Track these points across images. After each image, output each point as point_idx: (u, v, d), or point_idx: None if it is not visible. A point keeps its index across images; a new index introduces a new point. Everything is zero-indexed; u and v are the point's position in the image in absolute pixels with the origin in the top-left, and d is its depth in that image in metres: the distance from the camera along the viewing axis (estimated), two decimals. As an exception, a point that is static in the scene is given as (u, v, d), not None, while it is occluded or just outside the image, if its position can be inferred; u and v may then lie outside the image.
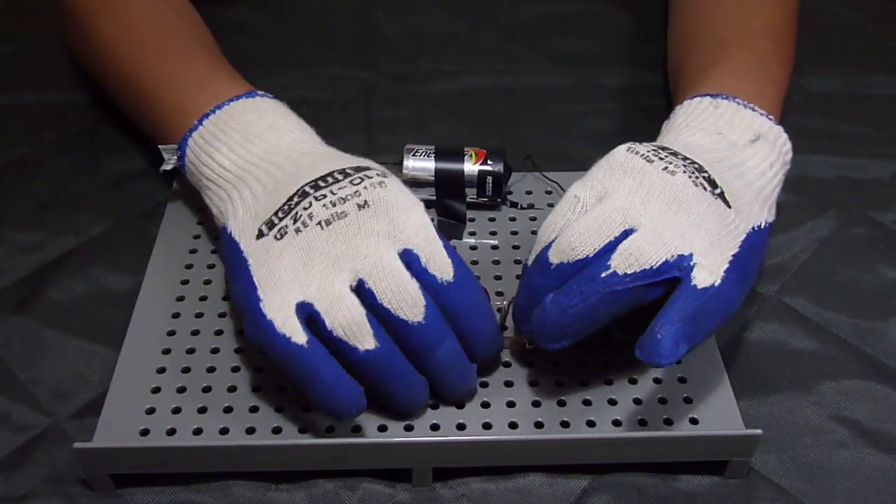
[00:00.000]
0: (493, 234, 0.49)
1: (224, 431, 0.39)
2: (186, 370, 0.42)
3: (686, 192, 0.38)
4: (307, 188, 0.39)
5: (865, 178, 0.55)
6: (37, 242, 0.50)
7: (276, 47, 0.65)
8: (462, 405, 0.40)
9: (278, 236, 0.38)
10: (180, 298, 0.45)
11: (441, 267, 0.38)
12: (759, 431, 0.38)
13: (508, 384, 0.41)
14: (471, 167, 0.49)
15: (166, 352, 0.42)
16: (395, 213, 0.38)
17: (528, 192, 0.52)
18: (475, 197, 0.50)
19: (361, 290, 0.37)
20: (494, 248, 0.49)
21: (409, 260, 0.38)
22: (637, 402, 0.41)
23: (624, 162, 0.39)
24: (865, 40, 0.66)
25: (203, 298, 0.45)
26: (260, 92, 0.46)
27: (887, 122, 0.59)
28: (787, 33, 0.51)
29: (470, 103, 0.60)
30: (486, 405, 0.40)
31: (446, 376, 0.38)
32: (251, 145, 0.43)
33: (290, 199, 0.39)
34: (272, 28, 0.66)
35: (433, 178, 0.49)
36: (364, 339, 0.36)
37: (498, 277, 0.47)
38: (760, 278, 0.48)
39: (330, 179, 0.39)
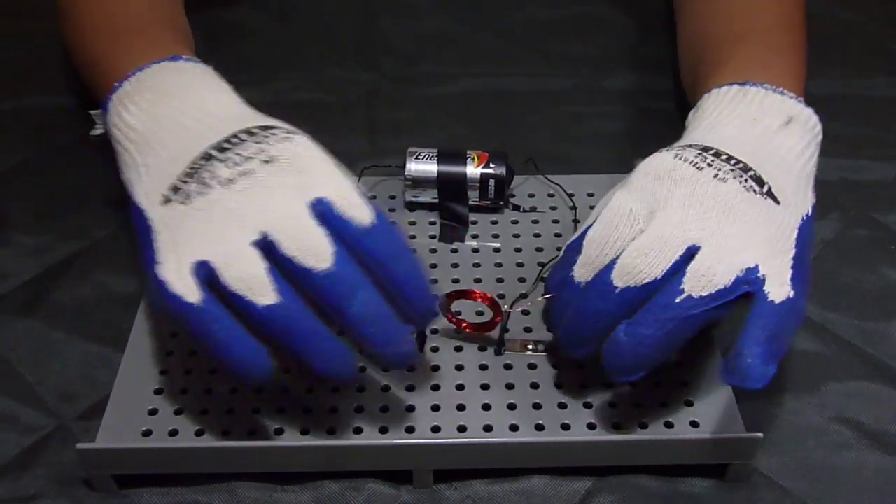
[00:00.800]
0: (496, 237, 0.50)
1: (226, 433, 0.39)
2: (189, 372, 0.42)
3: (738, 198, 0.37)
4: (211, 150, 0.37)
5: (867, 179, 0.55)
6: (43, 245, 0.50)
7: (278, 50, 0.65)
8: (388, 368, 0.38)
9: (182, 200, 0.37)
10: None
11: (356, 211, 0.35)
12: (759, 435, 0.38)
13: (510, 387, 0.41)
14: (473, 170, 0.49)
15: (169, 353, 0.43)
16: (302, 165, 0.36)
17: (531, 195, 0.52)
18: (477, 200, 0.50)
19: (266, 245, 0.35)
20: (497, 250, 0.49)
21: (323, 209, 0.35)
22: (638, 404, 0.41)
23: (673, 170, 0.38)
24: (866, 42, 0.66)
25: (207, 301, 0.45)
26: (186, 56, 0.44)
27: (888, 124, 0.59)
28: (798, 25, 0.51)
29: (472, 106, 0.60)
30: (486, 407, 0.41)
31: (367, 333, 0.35)
32: (160, 104, 0.41)
33: (195, 162, 0.37)
34: (274, 31, 0.67)
35: (436, 181, 0.49)
36: (262, 293, 0.34)
37: (500, 280, 0.47)
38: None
39: (235, 140, 0.37)
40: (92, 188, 0.53)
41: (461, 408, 0.41)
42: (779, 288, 0.35)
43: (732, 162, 0.39)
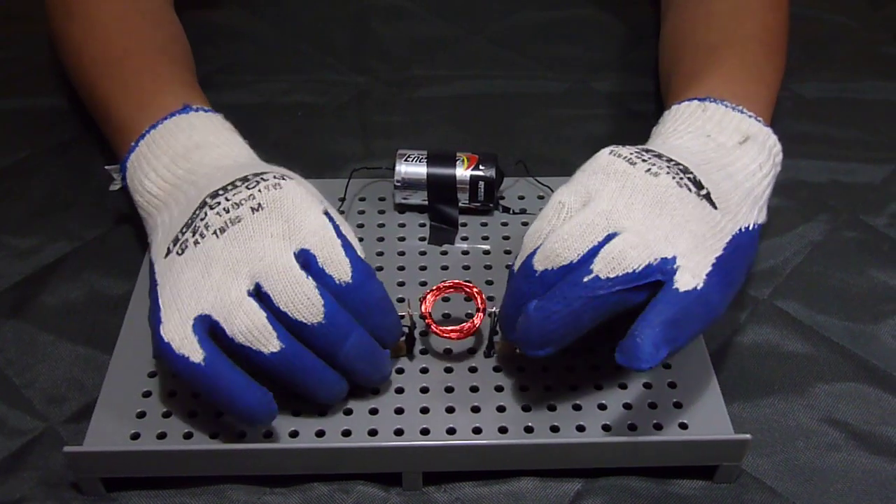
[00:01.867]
0: (486, 238, 0.50)
1: (214, 435, 0.39)
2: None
3: (669, 193, 0.38)
4: (207, 198, 0.39)
5: (857, 182, 0.55)
6: (31, 247, 0.50)
7: (271, 53, 0.65)
8: (377, 391, 0.41)
9: (180, 252, 0.39)
10: (173, 303, 0.45)
11: (338, 268, 0.38)
12: (748, 436, 0.38)
13: (499, 389, 0.41)
14: (463, 172, 0.49)
15: (159, 356, 0.43)
16: (289, 213, 0.38)
17: (521, 197, 0.52)
18: (467, 202, 0.50)
19: (260, 294, 0.37)
20: (486, 252, 0.49)
21: (307, 259, 0.38)
22: (627, 406, 0.41)
23: (607, 165, 0.39)
24: (856, 46, 0.66)
25: (196, 303, 0.45)
26: (195, 106, 0.45)
27: (878, 127, 0.59)
28: (778, 37, 0.51)
29: (463, 108, 0.60)
30: (476, 409, 0.41)
31: (356, 369, 0.38)
32: (175, 167, 0.43)
33: (194, 213, 0.39)
34: (267, 33, 0.67)
35: (425, 184, 0.49)
36: (268, 342, 0.36)
37: (490, 282, 0.47)
38: (752, 282, 0.49)
39: (229, 187, 0.39)
40: (81, 190, 0.53)
41: (450, 410, 0.40)
42: (689, 279, 0.36)
43: (672, 163, 0.40)
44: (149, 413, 0.40)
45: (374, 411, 0.40)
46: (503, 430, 0.40)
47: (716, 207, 0.39)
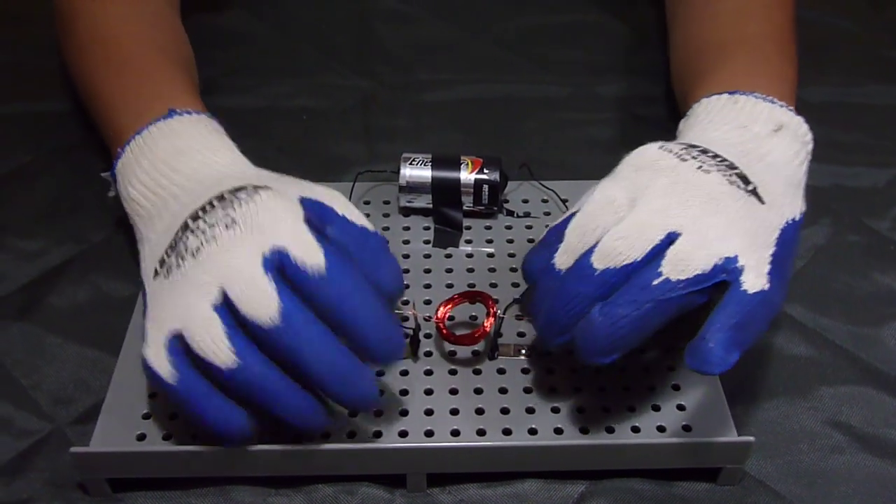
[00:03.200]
0: (490, 242, 0.50)
1: (221, 437, 0.40)
2: (185, 376, 0.42)
3: (721, 190, 0.38)
4: (188, 220, 0.38)
5: (860, 185, 0.55)
6: (38, 250, 0.50)
7: (276, 57, 0.65)
8: (354, 411, 0.39)
9: (166, 275, 0.38)
10: (179, 305, 0.45)
11: (311, 258, 0.35)
12: (751, 439, 0.38)
13: (503, 391, 0.42)
14: (467, 176, 0.49)
15: (165, 358, 0.43)
16: (260, 223, 0.37)
17: (525, 201, 0.52)
18: (471, 205, 0.50)
19: (228, 304, 0.35)
20: (490, 256, 0.49)
21: (280, 258, 0.36)
22: (631, 409, 0.41)
23: (657, 160, 0.39)
24: (860, 50, 0.66)
25: (202, 305, 0.45)
26: (179, 109, 0.44)
27: (882, 131, 0.59)
28: (786, 35, 0.51)
29: (467, 112, 0.61)
30: (480, 412, 0.41)
31: (323, 377, 0.35)
32: (158, 174, 0.42)
33: (176, 234, 0.38)
34: (271, 37, 0.67)
35: (430, 187, 0.50)
36: (223, 357, 0.35)
37: (494, 285, 0.47)
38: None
39: (207, 207, 0.38)
40: (88, 192, 0.54)
41: (454, 412, 0.41)
42: (755, 279, 0.35)
43: (718, 159, 0.39)
44: (155, 414, 0.40)
45: (378, 413, 0.40)
46: (507, 432, 0.40)
47: (763, 202, 0.38)
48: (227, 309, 0.35)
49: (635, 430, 0.40)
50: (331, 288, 0.35)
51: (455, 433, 0.40)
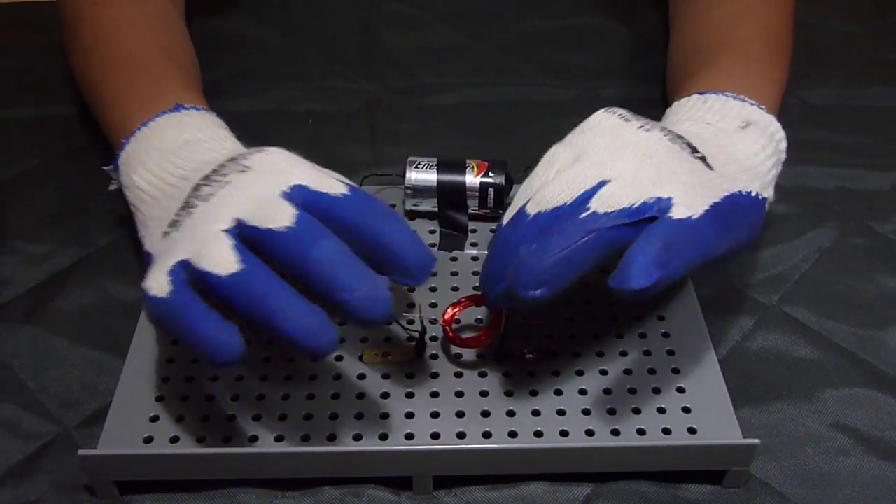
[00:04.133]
0: (495, 244, 0.50)
1: (226, 439, 0.40)
2: (190, 379, 0.42)
3: (660, 146, 0.38)
4: (199, 182, 0.39)
5: (864, 188, 0.55)
6: (45, 253, 0.50)
7: (281, 61, 0.66)
8: (364, 323, 0.35)
9: (176, 229, 0.38)
10: (186, 308, 0.46)
11: (332, 186, 0.36)
12: (756, 441, 0.38)
13: (508, 394, 0.42)
14: (472, 179, 0.50)
15: (170, 361, 0.43)
16: (278, 167, 0.37)
17: (530, 203, 0.52)
18: (477, 208, 0.50)
19: (237, 229, 0.36)
20: (496, 258, 0.49)
21: (300, 192, 0.36)
22: (636, 411, 0.41)
23: (600, 122, 0.40)
24: (863, 53, 0.67)
25: (208, 308, 0.46)
26: (187, 105, 0.45)
27: (885, 134, 0.59)
28: (782, 40, 0.51)
29: (472, 116, 0.61)
30: (486, 414, 0.41)
31: (330, 277, 0.34)
32: (165, 162, 0.42)
33: (187, 196, 0.39)
34: (277, 41, 0.67)
35: (435, 190, 0.50)
36: (226, 265, 0.34)
37: (499, 287, 0.47)
38: (761, 287, 0.49)
39: (219, 168, 0.39)
40: (93, 196, 0.54)
41: (460, 414, 0.41)
42: (683, 210, 0.36)
43: (666, 129, 0.39)
44: (162, 417, 0.40)
45: (384, 415, 0.41)
46: (513, 435, 0.40)
47: (711, 169, 0.39)
48: (237, 230, 0.35)
49: (640, 432, 0.40)
50: (352, 207, 0.36)
51: (461, 435, 0.40)
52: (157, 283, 0.35)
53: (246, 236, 0.35)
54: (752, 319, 0.47)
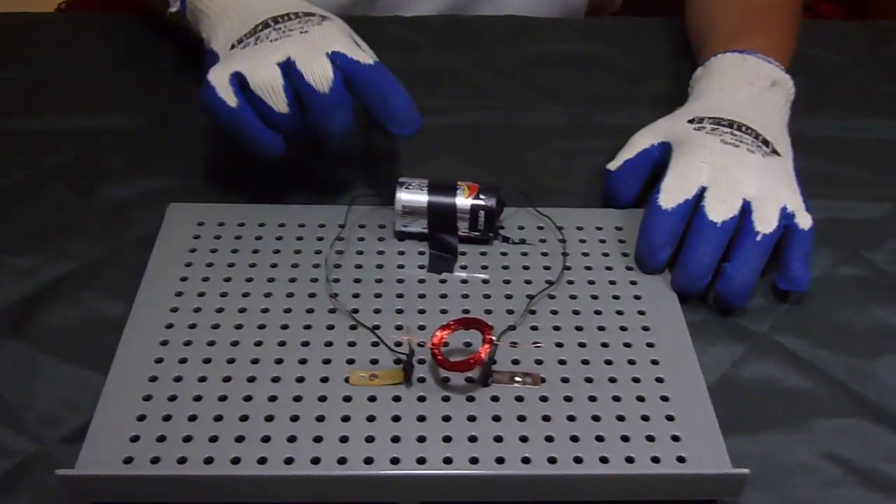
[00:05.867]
0: (485, 268, 0.50)
1: (209, 461, 0.39)
2: (173, 398, 0.42)
3: (764, 160, 0.51)
4: (269, 20, 0.51)
5: (857, 218, 0.55)
6: (31, 267, 0.50)
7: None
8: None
9: (242, 48, 0.50)
10: (169, 326, 0.45)
11: (362, 56, 0.49)
12: (745, 471, 0.38)
13: (496, 419, 0.41)
14: (463, 201, 0.49)
15: (153, 379, 0.42)
16: (328, 37, 0.50)
17: (521, 227, 0.52)
18: (467, 231, 0.50)
19: (287, 66, 0.48)
20: (485, 282, 0.49)
21: (338, 58, 0.49)
22: (625, 439, 0.40)
23: (722, 148, 0.51)
24: (855, 86, 0.67)
25: (192, 326, 0.45)
26: None
27: (877, 165, 0.59)
28: (796, 11, 0.65)
29: (467, 138, 0.61)
30: (473, 439, 0.40)
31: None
32: None
33: (256, 27, 0.51)
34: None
35: (425, 211, 0.49)
36: (279, 99, 0.48)
37: (488, 312, 0.47)
38: (751, 315, 0.49)
39: (285, 17, 0.51)
40: (81, 211, 0.53)
41: (447, 439, 0.40)
42: (804, 219, 0.49)
43: (750, 132, 0.52)
44: (143, 437, 0.40)
45: (370, 439, 0.40)
46: (500, 461, 0.39)
47: (779, 155, 0.51)
48: (287, 69, 0.48)
49: (629, 460, 0.39)
50: (378, 73, 0.49)
51: (447, 461, 0.39)
52: (224, 89, 0.48)
53: (292, 76, 0.48)
54: (742, 347, 0.47)
